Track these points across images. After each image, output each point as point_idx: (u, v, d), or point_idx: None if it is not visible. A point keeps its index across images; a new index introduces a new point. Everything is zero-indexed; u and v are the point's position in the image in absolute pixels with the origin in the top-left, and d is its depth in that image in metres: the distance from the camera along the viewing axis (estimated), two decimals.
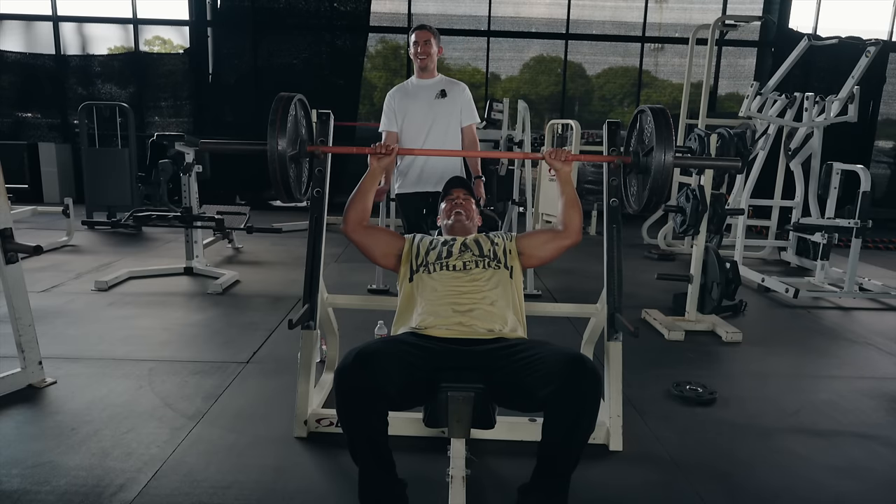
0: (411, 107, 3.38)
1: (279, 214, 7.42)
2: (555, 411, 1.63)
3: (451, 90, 3.39)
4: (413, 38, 3.33)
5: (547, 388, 1.60)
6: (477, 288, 1.99)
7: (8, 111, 8.65)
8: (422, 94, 3.38)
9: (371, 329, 3.12)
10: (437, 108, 3.36)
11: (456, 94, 3.39)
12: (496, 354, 1.79)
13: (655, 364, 3.15)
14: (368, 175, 2.22)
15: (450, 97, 3.37)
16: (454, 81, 3.46)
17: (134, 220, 5.11)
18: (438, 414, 1.65)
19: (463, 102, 3.41)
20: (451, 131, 3.41)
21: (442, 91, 3.36)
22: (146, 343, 3.20)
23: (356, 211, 2.18)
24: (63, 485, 1.89)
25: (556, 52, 8.91)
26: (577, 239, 2.17)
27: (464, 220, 2.31)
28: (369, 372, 1.58)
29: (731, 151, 4.25)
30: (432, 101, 3.36)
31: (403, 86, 3.49)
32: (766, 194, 6.08)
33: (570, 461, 1.66)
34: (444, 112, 3.37)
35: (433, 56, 3.34)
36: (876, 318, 4.20)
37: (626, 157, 2.24)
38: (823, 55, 7.30)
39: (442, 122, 3.37)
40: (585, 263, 5.14)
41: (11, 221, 2.50)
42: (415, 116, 3.37)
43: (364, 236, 2.18)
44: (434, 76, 3.41)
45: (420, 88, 3.40)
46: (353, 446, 1.67)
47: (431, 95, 3.36)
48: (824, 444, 2.36)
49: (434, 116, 3.35)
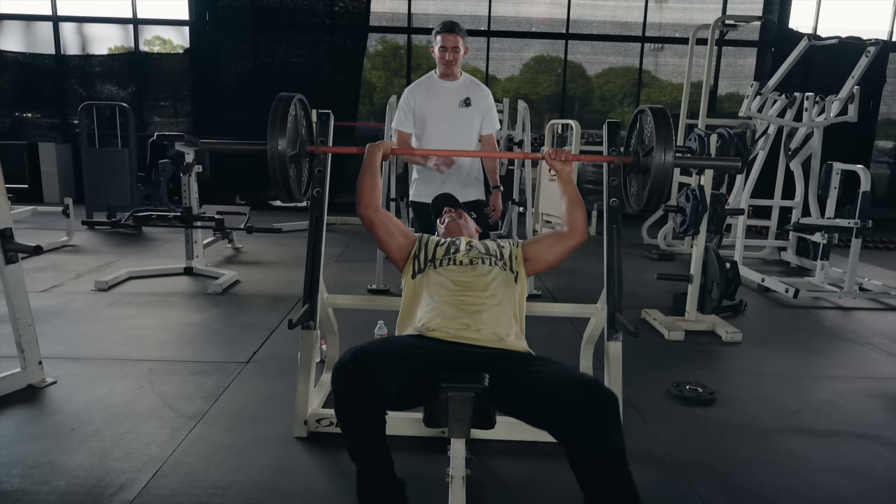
0: (433, 113, 3.19)
1: (279, 214, 7.42)
2: (572, 432, 1.55)
3: (475, 96, 3.21)
4: (440, 42, 3.08)
5: (561, 405, 1.56)
6: (484, 284, 1.97)
7: (8, 111, 8.65)
8: (444, 99, 3.19)
9: (371, 329, 3.12)
10: (461, 119, 3.19)
11: (479, 101, 3.22)
12: (503, 363, 1.75)
13: (655, 364, 3.15)
14: (368, 154, 2.20)
15: (473, 105, 3.20)
16: (478, 84, 3.28)
17: (134, 220, 5.12)
18: (438, 414, 1.65)
19: (485, 109, 3.24)
20: (475, 141, 3.27)
21: (466, 99, 3.18)
22: (146, 343, 3.20)
23: (368, 189, 2.13)
24: (63, 485, 1.89)
25: (557, 52, 8.90)
26: (584, 237, 2.15)
27: (457, 219, 2.38)
28: (367, 370, 1.56)
29: (731, 151, 4.25)
30: (455, 110, 3.18)
31: (424, 84, 3.26)
32: (766, 194, 6.08)
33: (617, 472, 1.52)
34: (467, 124, 3.21)
35: (460, 61, 3.14)
36: (876, 318, 4.20)
37: (626, 157, 2.23)
38: (823, 55, 7.29)
39: (464, 133, 3.20)
40: (585, 263, 5.14)
41: (11, 221, 2.50)
42: (436, 125, 3.21)
43: (381, 218, 2.14)
44: (458, 78, 3.21)
45: (443, 92, 3.20)
46: (350, 444, 1.67)
47: (455, 103, 3.17)
48: (824, 444, 2.36)
49: (457, 127, 3.18)
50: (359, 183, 2.16)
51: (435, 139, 3.21)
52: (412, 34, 8.69)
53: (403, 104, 3.26)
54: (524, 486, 2.00)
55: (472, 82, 3.27)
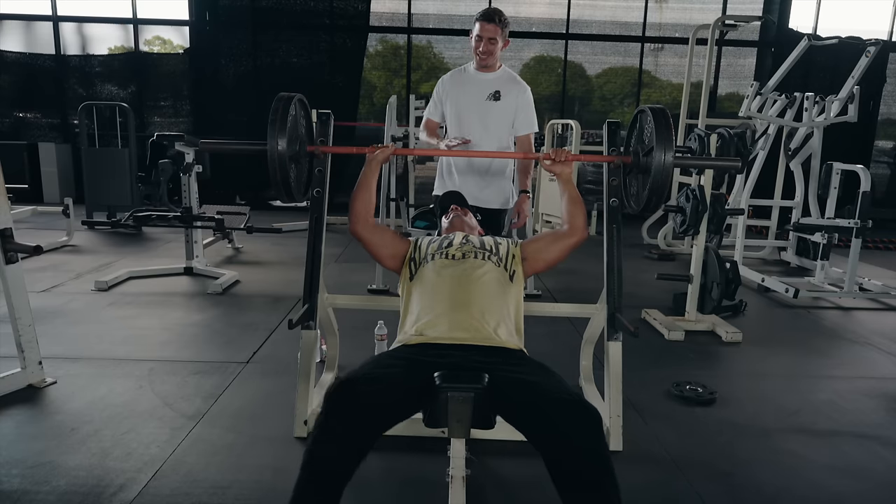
0: (459, 105, 2.99)
1: (279, 214, 7.42)
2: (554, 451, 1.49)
3: (508, 91, 2.94)
4: (476, 31, 2.85)
5: (546, 417, 1.51)
6: (475, 278, 1.94)
7: (8, 111, 8.65)
8: (473, 90, 2.96)
9: (371, 329, 3.11)
10: (489, 112, 2.95)
11: (512, 97, 2.95)
12: (492, 362, 1.70)
13: (655, 364, 3.15)
14: (367, 168, 2.20)
15: (504, 101, 2.93)
16: (515, 79, 2.99)
17: (134, 220, 5.11)
18: (438, 414, 1.65)
19: (520, 106, 2.96)
20: (505, 140, 3.01)
21: (496, 93, 2.92)
22: (146, 343, 3.20)
23: (362, 204, 2.14)
24: (63, 485, 1.89)
25: (556, 52, 8.90)
26: (583, 236, 2.14)
27: (462, 216, 2.38)
28: (341, 447, 1.47)
29: (731, 151, 4.25)
30: (483, 102, 2.94)
31: (458, 72, 3.06)
32: (766, 194, 6.08)
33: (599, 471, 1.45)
34: (495, 118, 2.96)
35: (496, 55, 2.90)
36: (876, 318, 4.20)
37: (626, 157, 2.23)
38: (823, 55, 7.30)
39: (492, 129, 2.96)
40: (585, 263, 5.14)
41: (11, 221, 2.50)
42: (462, 116, 2.99)
43: (372, 233, 2.14)
44: (495, 70, 2.96)
45: (474, 83, 2.97)
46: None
47: (484, 95, 2.94)
48: (824, 444, 2.36)
49: (484, 121, 2.96)
50: (353, 198, 2.15)
51: (458, 132, 3.00)
52: (412, 34, 8.69)
53: (435, 92, 3.11)
54: (524, 486, 2.00)
55: (510, 77, 3.01)
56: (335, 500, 1.48)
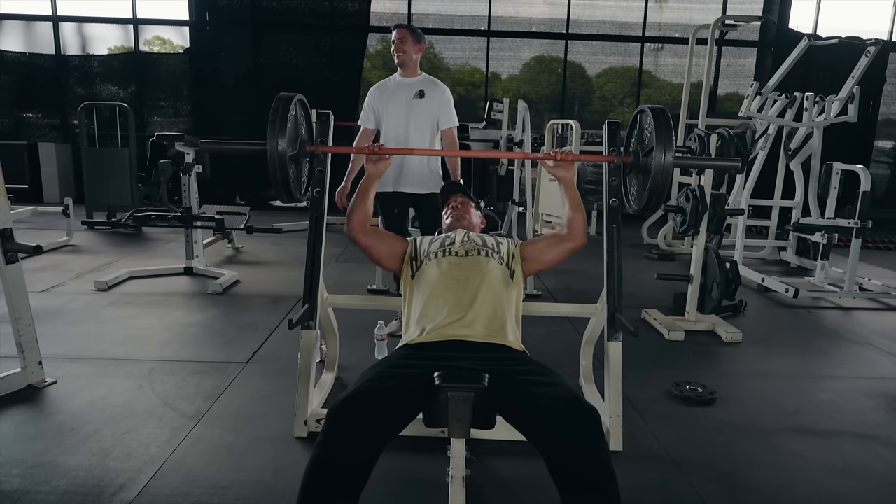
0: (389, 106, 3.33)
1: (279, 214, 7.42)
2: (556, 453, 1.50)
3: (431, 91, 3.31)
4: (392, 36, 3.30)
5: (547, 418, 1.52)
6: (480, 275, 1.95)
7: (8, 111, 8.66)
8: (400, 92, 3.32)
9: (371, 329, 3.12)
10: (415, 108, 3.29)
11: (435, 96, 3.30)
12: (495, 361, 1.71)
13: (655, 364, 3.15)
14: (366, 179, 2.20)
15: (428, 98, 3.29)
16: (435, 82, 3.37)
17: (134, 220, 5.11)
18: (438, 414, 1.65)
19: (441, 104, 3.31)
20: (430, 133, 3.34)
21: (420, 91, 3.29)
22: (146, 343, 3.20)
23: (359, 213, 2.16)
24: (63, 485, 1.89)
25: (557, 52, 8.91)
26: (582, 242, 2.14)
27: (461, 212, 2.37)
28: (343, 477, 1.45)
29: (731, 151, 4.24)
30: (410, 100, 3.29)
31: (384, 83, 3.43)
32: (766, 194, 6.08)
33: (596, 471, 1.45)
34: (421, 112, 3.29)
35: (409, 54, 3.26)
36: (876, 318, 4.20)
37: (626, 157, 2.23)
38: (823, 55, 7.29)
39: (419, 123, 3.30)
40: (585, 263, 5.13)
41: (11, 221, 2.50)
42: (392, 116, 3.32)
43: (369, 238, 2.16)
44: (416, 75, 3.34)
45: (400, 87, 3.33)
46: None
47: (410, 95, 3.29)
48: (824, 444, 2.36)
49: (411, 117, 3.29)
50: (352, 209, 2.16)
51: (391, 129, 3.33)
52: None
53: (365, 103, 3.45)
54: (524, 486, 2.00)
55: (430, 80, 3.37)
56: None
